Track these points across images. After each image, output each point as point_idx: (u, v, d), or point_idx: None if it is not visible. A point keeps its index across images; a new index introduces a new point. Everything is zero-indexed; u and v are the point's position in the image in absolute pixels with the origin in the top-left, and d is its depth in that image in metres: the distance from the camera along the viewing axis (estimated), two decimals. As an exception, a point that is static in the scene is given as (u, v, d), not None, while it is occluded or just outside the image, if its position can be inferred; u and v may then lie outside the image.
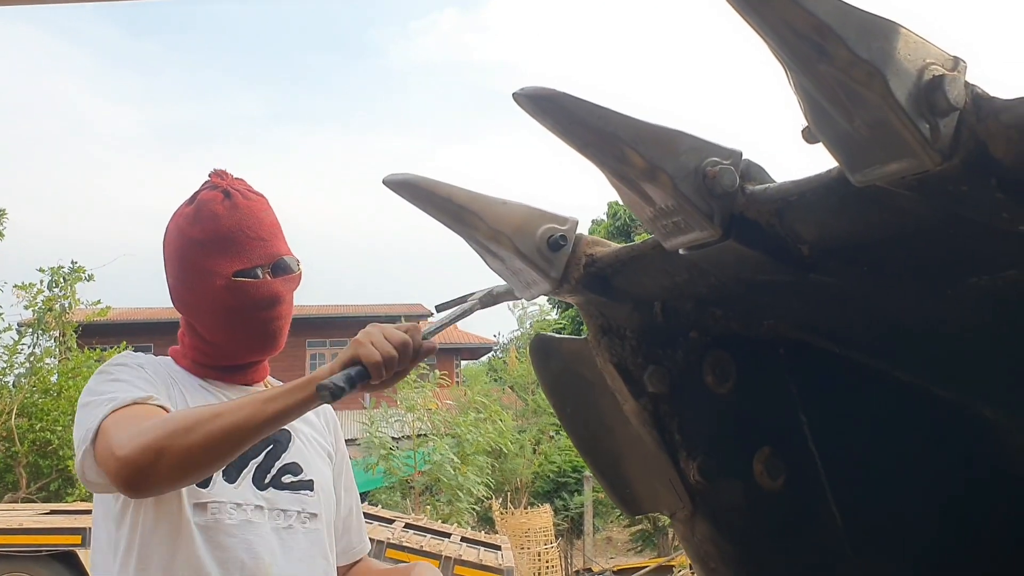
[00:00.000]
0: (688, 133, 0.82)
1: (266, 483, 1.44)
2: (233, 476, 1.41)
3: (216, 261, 1.45)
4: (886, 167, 0.66)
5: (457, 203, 1.00)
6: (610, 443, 1.15)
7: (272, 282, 1.48)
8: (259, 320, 1.47)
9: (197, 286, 1.46)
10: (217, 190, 1.48)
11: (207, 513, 1.39)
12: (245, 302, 1.45)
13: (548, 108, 0.78)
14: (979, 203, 0.70)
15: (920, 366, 1.24)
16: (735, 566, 1.13)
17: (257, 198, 1.50)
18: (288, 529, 1.44)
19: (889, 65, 0.62)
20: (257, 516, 1.41)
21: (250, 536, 1.39)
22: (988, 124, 0.65)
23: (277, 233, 1.51)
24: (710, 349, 1.13)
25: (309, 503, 1.48)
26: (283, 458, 1.48)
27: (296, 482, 1.48)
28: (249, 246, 1.46)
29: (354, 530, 1.66)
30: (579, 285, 1.04)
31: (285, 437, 1.50)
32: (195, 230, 1.46)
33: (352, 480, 1.69)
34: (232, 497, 1.40)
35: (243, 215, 1.46)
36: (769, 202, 0.84)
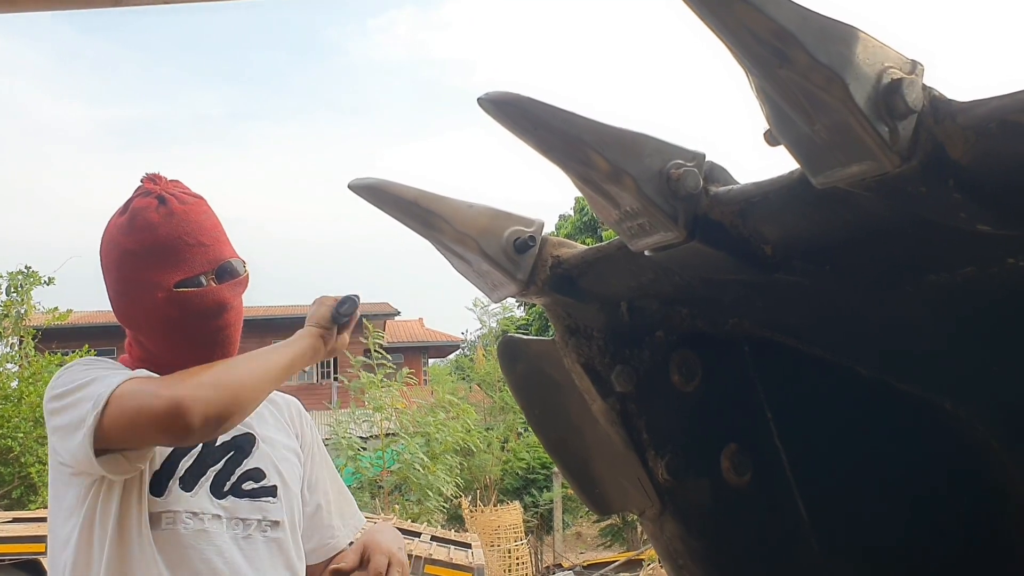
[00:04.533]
0: (652, 136, 0.83)
1: (225, 491, 1.41)
2: (190, 484, 1.39)
3: (156, 273, 1.40)
4: (846, 169, 0.67)
5: (422, 207, 0.99)
6: (578, 443, 1.16)
7: (218, 289, 1.44)
8: (208, 329, 1.43)
9: (138, 299, 1.42)
10: (151, 196, 1.42)
11: (162, 524, 1.36)
12: (190, 313, 1.41)
13: (512, 113, 0.78)
14: (937, 203, 0.71)
15: (882, 362, 1.26)
16: (704, 563, 1.14)
17: (194, 200, 1.45)
18: (247, 539, 1.41)
19: (848, 69, 0.63)
20: (215, 526, 1.38)
21: (207, 547, 1.36)
22: (945, 126, 0.66)
23: (219, 236, 1.46)
24: (676, 348, 1.14)
25: (271, 511, 1.46)
26: (245, 464, 1.45)
27: (258, 489, 1.45)
28: (189, 254, 1.41)
29: (326, 526, 1.62)
30: (546, 286, 1.04)
31: (248, 442, 1.47)
32: (131, 241, 1.41)
33: (324, 475, 1.65)
34: (188, 506, 1.37)
35: (180, 221, 1.41)
36: (732, 203, 0.85)
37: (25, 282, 11.47)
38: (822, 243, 0.88)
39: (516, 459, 15.67)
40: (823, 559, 1.22)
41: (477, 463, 14.04)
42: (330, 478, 1.65)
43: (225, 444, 1.43)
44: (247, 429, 1.47)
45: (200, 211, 1.45)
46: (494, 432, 15.54)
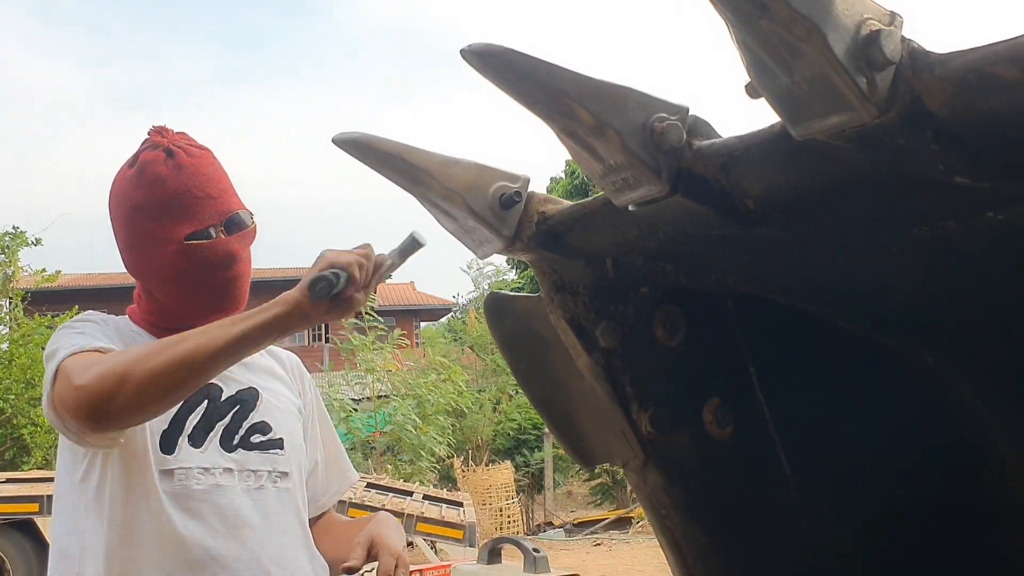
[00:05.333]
0: (636, 89, 0.83)
1: (234, 444, 1.44)
2: (200, 440, 1.41)
3: (166, 226, 1.41)
4: (825, 121, 0.67)
5: (409, 162, 0.99)
6: (564, 398, 1.17)
7: (227, 240, 1.45)
8: (217, 281, 1.45)
9: (149, 252, 1.43)
10: (158, 149, 1.43)
11: (174, 480, 1.38)
12: (201, 265, 1.43)
13: (495, 64, 0.78)
14: (915, 155, 0.72)
15: (864, 315, 1.28)
16: (686, 513, 1.16)
17: (201, 152, 1.45)
18: (260, 490, 1.44)
19: (827, 20, 0.63)
20: (227, 479, 1.41)
21: (221, 500, 1.39)
22: (924, 78, 0.66)
23: (227, 188, 1.46)
24: (660, 303, 1.15)
25: (280, 462, 1.48)
26: (251, 418, 1.47)
27: (266, 441, 1.47)
28: (199, 206, 1.42)
29: (320, 484, 1.65)
30: (531, 242, 1.05)
31: (252, 396, 1.49)
32: (140, 195, 1.42)
33: (320, 433, 1.67)
34: (199, 462, 1.40)
35: (189, 174, 1.42)
36: (715, 157, 0.86)
37: (12, 243, 11.41)
38: (803, 197, 0.89)
39: (507, 420, 15.80)
40: (804, 509, 1.25)
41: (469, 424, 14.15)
42: (328, 436, 1.68)
43: (230, 399, 1.44)
44: (250, 383, 1.49)
45: (207, 163, 1.45)
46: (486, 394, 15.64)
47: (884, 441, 1.32)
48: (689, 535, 1.17)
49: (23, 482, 7.56)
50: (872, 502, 1.32)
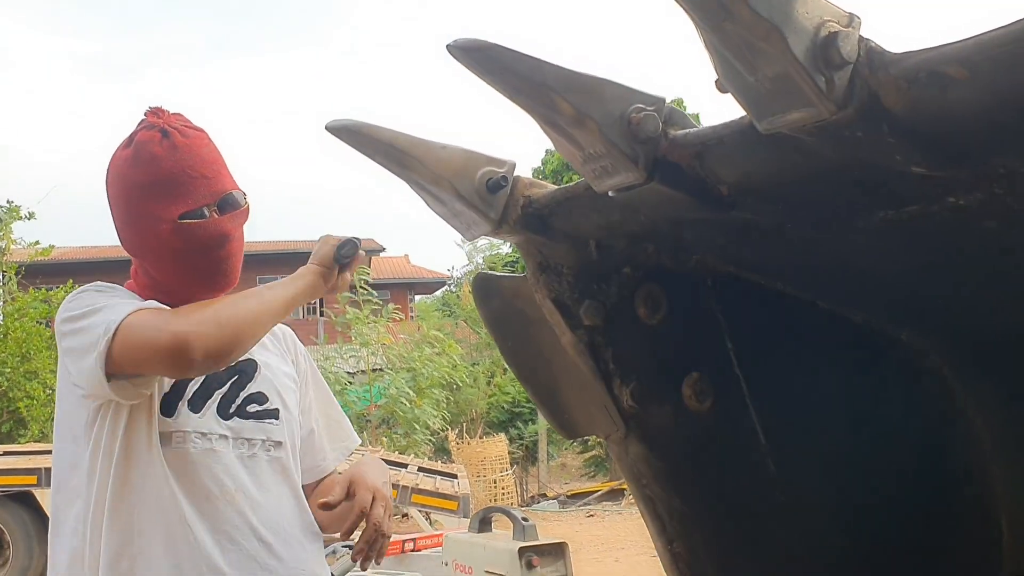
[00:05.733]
0: (614, 81, 0.87)
1: (231, 413, 1.49)
2: (198, 406, 1.46)
3: (161, 205, 1.44)
4: (787, 116, 0.72)
5: (399, 148, 1.03)
6: (548, 373, 1.22)
7: (220, 220, 1.48)
8: (210, 260, 1.49)
9: (144, 230, 1.47)
10: (154, 129, 1.46)
11: (172, 443, 1.43)
12: (194, 244, 1.46)
13: (480, 59, 0.82)
14: (874, 147, 0.76)
15: (839, 294, 1.33)
16: (666, 483, 1.22)
17: (196, 133, 1.48)
18: (252, 458, 1.49)
19: (788, 23, 0.67)
20: (221, 445, 1.46)
21: (215, 464, 1.44)
22: (880, 76, 0.71)
23: (220, 168, 1.50)
24: (642, 283, 1.20)
25: (274, 432, 1.53)
26: (248, 388, 1.52)
27: (261, 411, 1.52)
28: (193, 186, 1.45)
29: (317, 449, 1.70)
30: (517, 225, 1.09)
31: (251, 367, 1.54)
32: (136, 174, 1.45)
33: (315, 401, 1.73)
34: (197, 427, 1.45)
35: (183, 154, 1.45)
36: (690, 146, 0.90)
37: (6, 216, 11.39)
38: (774, 183, 0.93)
39: (502, 393, 15.90)
40: (780, 480, 1.30)
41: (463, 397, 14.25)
42: (324, 403, 1.73)
43: (229, 369, 1.49)
44: (249, 356, 1.54)
45: (202, 144, 1.48)
46: (480, 367, 15.72)
47: (858, 413, 1.38)
48: (669, 504, 1.22)
49: (21, 454, 7.63)
50: (846, 472, 1.38)
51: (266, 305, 1.45)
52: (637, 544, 9.24)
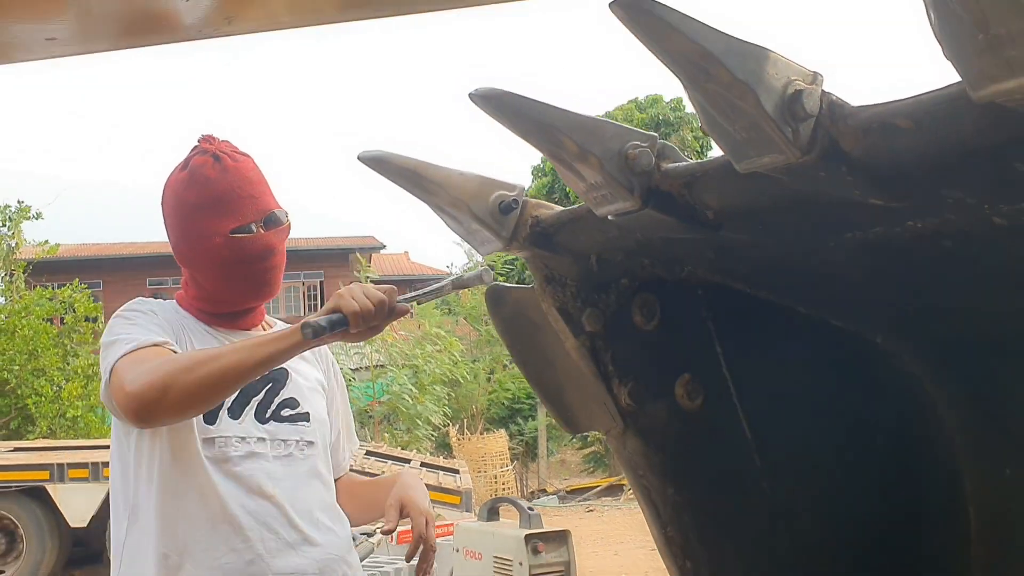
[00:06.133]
0: (612, 122, 1.00)
1: (267, 417, 1.62)
2: (237, 413, 1.59)
3: (213, 221, 1.59)
4: (760, 160, 0.85)
5: (421, 175, 1.16)
6: (554, 374, 1.35)
7: (266, 235, 1.63)
8: (256, 271, 1.63)
9: (198, 244, 1.61)
10: (207, 155, 1.61)
11: (215, 447, 1.56)
12: (243, 256, 1.61)
13: (498, 105, 0.95)
14: (835, 184, 0.89)
15: (819, 302, 1.45)
16: (660, 473, 1.34)
17: (244, 158, 1.64)
18: (288, 457, 1.62)
19: (760, 83, 0.80)
20: (260, 447, 1.59)
21: (254, 465, 1.58)
22: (839, 126, 0.83)
23: (265, 189, 1.65)
24: (638, 292, 1.33)
25: (306, 432, 1.67)
26: (281, 394, 1.65)
27: (294, 415, 1.65)
28: (242, 204, 1.60)
29: (341, 450, 1.85)
30: (526, 242, 1.22)
31: (283, 375, 1.67)
32: (191, 194, 1.60)
33: (340, 407, 1.87)
34: (237, 432, 1.58)
35: (233, 177, 1.60)
36: (680, 177, 1.03)
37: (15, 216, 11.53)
38: (754, 209, 1.06)
39: (502, 390, 16.03)
40: (764, 470, 1.43)
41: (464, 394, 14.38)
42: (344, 410, 1.88)
43: (264, 378, 1.62)
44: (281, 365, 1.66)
45: (249, 167, 1.64)
46: (480, 364, 15.86)
47: (837, 410, 1.50)
48: (663, 493, 1.35)
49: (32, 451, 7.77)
50: (825, 463, 1.50)
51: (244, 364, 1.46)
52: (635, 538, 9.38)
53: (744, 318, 1.42)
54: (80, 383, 10.47)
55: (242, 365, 1.44)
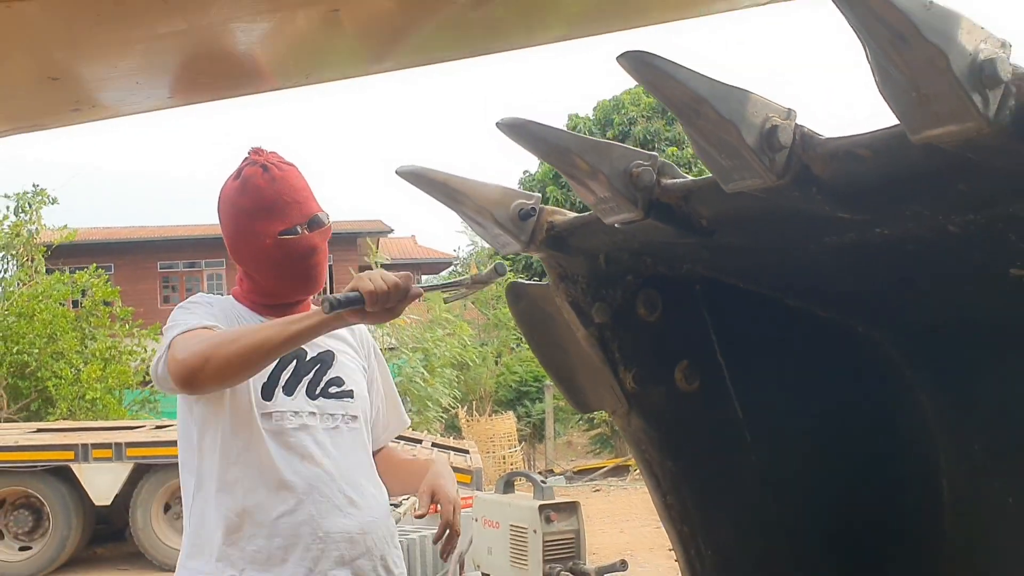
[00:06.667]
0: (618, 144, 1.16)
1: (316, 394, 1.80)
2: (291, 390, 1.77)
3: (263, 224, 1.78)
4: (743, 183, 1.01)
5: (451, 187, 1.32)
6: (566, 360, 1.51)
7: (310, 236, 1.82)
8: (303, 267, 1.82)
9: (251, 244, 1.80)
10: (256, 165, 1.80)
11: (272, 420, 1.75)
12: (290, 255, 1.79)
13: (520, 132, 1.11)
14: (807, 202, 1.05)
15: (805, 295, 1.61)
16: (661, 448, 1.51)
17: (289, 168, 1.82)
18: (335, 429, 1.81)
19: (742, 120, 0.96)
20: (311, 420, 1.78)
21: (305, 437, 1.76)
22: (811, 154, 0.99)
23: (309, 195, 1.83)
24: (642, 288, 1.49)
25: (351, 408, 1.85)
26: (328, 374, 1.84)
27: (340, 392, 1.84)
28: (288, 209, 1.79)
29: (380, 426, 2.04)
30: (543, 245, 1.38)
31: (330, 357, 1.85)
32: (243, 200, 1.79)
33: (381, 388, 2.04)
34: (290, 407, 1.76)
35: (280, 185, 1.78)
36: (678, 191, 1.18)
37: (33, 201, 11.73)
38: (743, 218, 1.22)
39: (509, 372, 16.22)
40: (754, 447, 1.59)
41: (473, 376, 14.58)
42: (388, 389, 2.06)
43: (313, 359, 1.80)
44: (327, 347, 1.85)
45: (294, 175, 1.82)
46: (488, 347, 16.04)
47: (822, 391, 1.66)
48: (663, 465, 1.51)
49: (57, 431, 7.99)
50: (811, 440, 1.66)
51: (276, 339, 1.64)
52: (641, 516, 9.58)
53: (738, 310, 1.57)
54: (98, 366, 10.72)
55: (274, 339, 1.63)
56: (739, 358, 1.58)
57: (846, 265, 1.43)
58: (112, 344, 11.17)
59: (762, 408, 1.60)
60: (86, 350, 11.02)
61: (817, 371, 1.67)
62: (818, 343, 1.66)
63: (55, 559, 7.67)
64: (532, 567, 3.22)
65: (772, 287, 1.59)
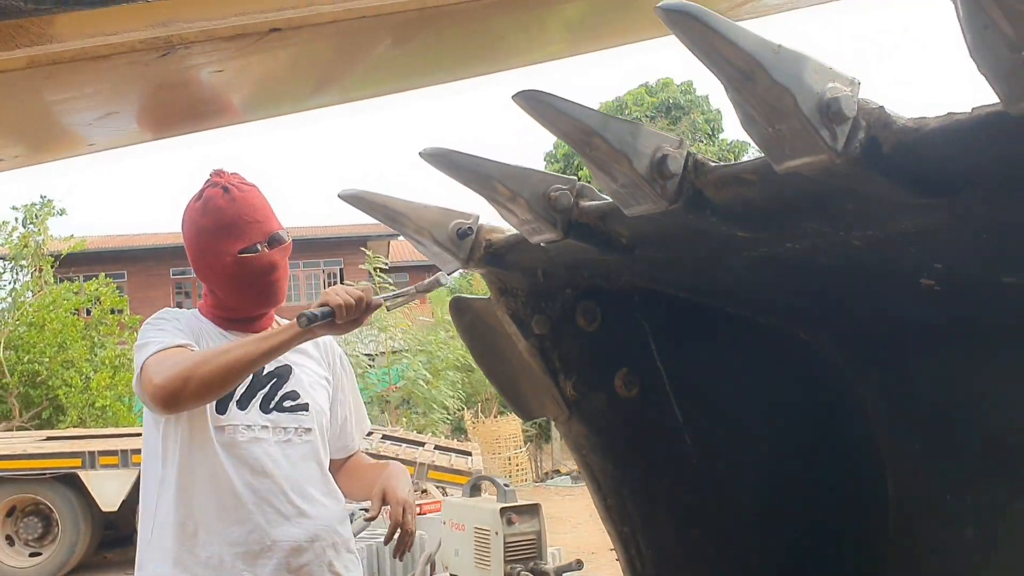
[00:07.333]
0: (537, 170, 1.24)
1: (270, 408, 1.89)
2: (245, 404, 1.86)
3: (224, 243, 1.86)
4: (638, 208, 1.08)
5: (391, 208, 1.40)
6: (509, 370, 1.59)
7: (270, 253, 1.90)
8: (263, 283, 1.90)
9: (212, 263, 1.89)
10: (217, 187, 1.88)
11: (225, 433, 1.84)
12: (250, 272, 1.88)
13: (443, 161, 1.19)
14: (702, 223, 1.12)
15: (741, 303, 1.67)
16: (601, 453, 1.58)
17: (250, 188, 1.91)
18: (288, 442, 1.89)
19: (633, 151, 1.03)
20: (263, 434, 1.86)
21: (257, 449, 1.85)
22: (702, 180, 1.06)
23: (269, 214, 1.92)
24: (581, 300, 1.55)
25: (305, 421, 1.93)
26: (284, 388, 1.92)
27: (295, 406, 1.92)
28: (248, 228, 1.87)
29: (348, 435, 2.11)
30: (481, 261, 1.45)
31: (287, 371, 1.93)
32: (205, 220, 1.88)
33: (349, 396, 2.12)
34: (243, 420, 1.85)
35: (240, 205, 1.87)
36: (595, 212, 1.25)
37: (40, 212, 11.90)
38: (659, 235, 1.28)
39: (517, 373, 16.20)
40: (695, 451, 1.65)
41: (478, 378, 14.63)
42: (355, 397, 2.14)
43: (269, 373, 1.89)
44: (286, 361, 1.94)
45: (254, 196, 1.91)
46: (495, 348, 16.01)
47: (764, 398, 1.71)
48: (604, 470, 1.58)
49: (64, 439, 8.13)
50: (754, 441, 1.71)
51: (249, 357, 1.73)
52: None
53: (676, 318, 1.64)
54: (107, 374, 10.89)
55: (249, 356, 1.73)
56: (679, 365, 1.64)
57: (777, 275, 1.48)
58: (121, 352, 11.34)
59: (703, 413, 1.66)
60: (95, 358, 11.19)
61: (760, 376, 1.72)
62: (761, 349, 1.72)
63: (64, 564, 7.82)
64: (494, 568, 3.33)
65: (712, 297, 1.66)
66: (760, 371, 1.74)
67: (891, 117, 0.89)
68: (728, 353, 1.71)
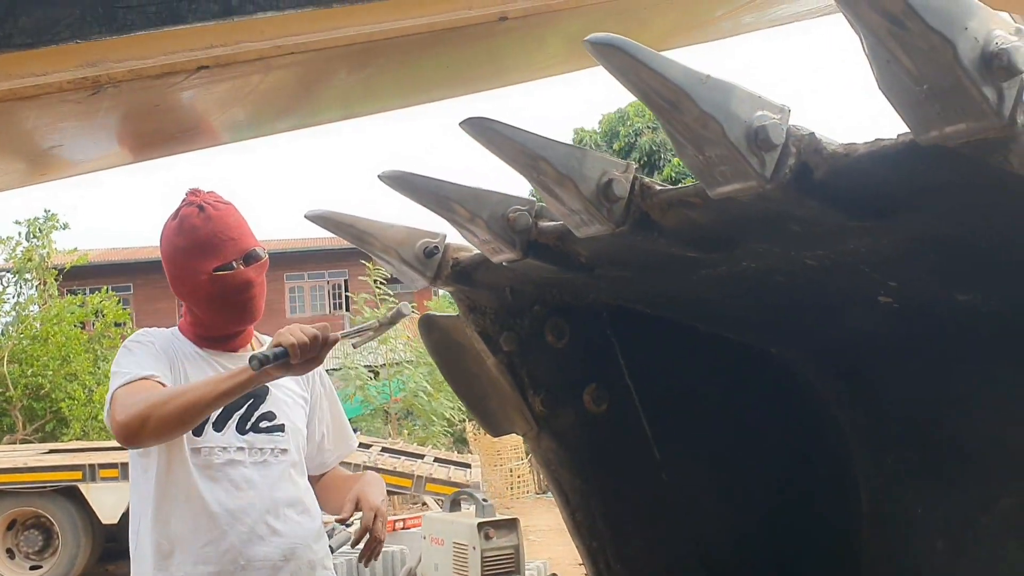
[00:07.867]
0: (496, 191, 1.26)
1: (247, 429, 1.91)
2: (220, 426, 1.89)
3: (200, 262, 1.89)
4: (588, 229, 1.11)
5: (358, 228, 1.43)
6: (478, 387, 1.61)
7: (245, 271, 1.92)
8: (239, 301, 1.92)
9: (188, 281, 1.91)
10: (193, 206, 1.90)
11: (200, 455, 1.86)
12: (226, 289, 1.90)
13: (402, 183, 1.22)
14: (652, 245, 1.14)
15: (711, 320, 1.69)
16: (570, 468, 1.59)
17: (225, 207, 1.93)
18: (263, 463, 1.91)
19: (579, 175, 1.06)
20: (239, 455, 1.89)
21: (232, 471, 1.87)
22: (649, 203, 1.09)
23: (245, 231, 1.93)
24: (550, 317, 1.58)
25: (280, 442, 1.95)
26: (260, 408, 1.94)
27: (271, 426, 1.94)
28: (223, 246, 1.89)
29: (326, 451, 2.12)
30: (449, 280, 1.47)
31: (263, 392, 1.95)
32: (181, 239, 1.90)
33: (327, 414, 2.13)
34: (219, 442, 1.88)
35: (215, 224, 1.89)
36: (554, 233, 1.28)
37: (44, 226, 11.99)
38: (616, 255, 1.31)
39: (520, 385, 16.20)
40: (663, 464, 1.67)
41: (481, 390, 14.63)
42: (335, 413, 2.14)
43: (247, 395, 1.91)
44: None
45: (230, 214, 1.93)
46: (497, 360, 16.01)
47: (736, 412, 1.74)
48: (573, 484, 1.60)
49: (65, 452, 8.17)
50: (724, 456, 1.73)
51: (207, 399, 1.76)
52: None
53: (646, 334, 1.66)
54: (110, 386, 10.83)
55: (205, 399, 1.75)
56: (647, 380, 1.66)
57: (740, 293, 1.50)
58: (124, 365, 11.29)
59: (673, 427, 1.68)
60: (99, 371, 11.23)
61: (731, 392, 1.75)
62: (731, 365, 1.74)
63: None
64: (472, 582, 3.36)
65: (679, 313, 1.68)
66: (730, 386, 1.76)
67: (821, 143, 0.92)
68: (698, 369, 1.73)
